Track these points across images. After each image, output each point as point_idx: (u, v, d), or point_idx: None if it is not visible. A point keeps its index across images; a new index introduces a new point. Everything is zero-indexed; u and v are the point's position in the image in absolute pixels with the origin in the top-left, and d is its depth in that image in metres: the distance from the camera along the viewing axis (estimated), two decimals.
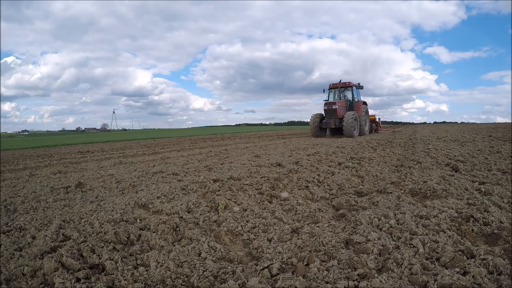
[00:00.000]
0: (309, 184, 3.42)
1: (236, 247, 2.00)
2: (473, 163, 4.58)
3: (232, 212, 2.49)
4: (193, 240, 1.99)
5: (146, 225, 2.23)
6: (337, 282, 1.40)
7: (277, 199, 2.93)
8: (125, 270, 1.59)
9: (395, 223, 2.07)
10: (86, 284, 1.47)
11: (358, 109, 14.69)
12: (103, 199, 3.26)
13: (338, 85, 15.38)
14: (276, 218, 2.36)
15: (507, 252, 1.66)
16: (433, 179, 3.39)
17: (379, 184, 3.56)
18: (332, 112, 13.70)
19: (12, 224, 2.38)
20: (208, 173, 4.42)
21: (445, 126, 31.20)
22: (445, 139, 9.83)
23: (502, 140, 8.75)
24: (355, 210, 2.52)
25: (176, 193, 3.12)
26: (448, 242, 1.76)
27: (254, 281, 1.44)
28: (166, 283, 1.50)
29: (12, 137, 58.57)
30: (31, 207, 3.03)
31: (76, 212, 2.67)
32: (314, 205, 2.72)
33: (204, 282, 1.48)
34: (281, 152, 7.07)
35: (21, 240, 2.04)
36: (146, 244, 1.91)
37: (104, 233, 2.04)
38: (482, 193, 2.84)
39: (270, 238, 2.02)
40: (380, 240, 1.80)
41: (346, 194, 3.14)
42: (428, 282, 1.37)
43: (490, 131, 13.78)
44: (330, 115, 13.89)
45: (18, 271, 1.57)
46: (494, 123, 53.73)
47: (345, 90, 15.62)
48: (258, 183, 3.43)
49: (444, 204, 2.51)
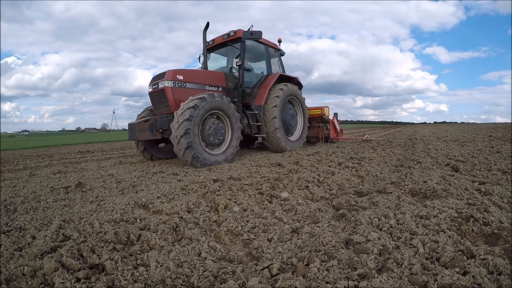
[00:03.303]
0: (309, 184, 3.42)
1: (236, 247, 2.00)
2: (473, 163, 4.58)
3: (232, 212, 2.49)
4: (193, 240, 1.99)
5: (146, 225, 2.24)
6: (337, 282, 1.40)
7: (277, 199, 2.93)
8: (125, 270, 1.59)
9: (395, 223, 2.07)
10: (86, 284, 1.47)
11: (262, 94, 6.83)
12: (103, 199, 3.26)
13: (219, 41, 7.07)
14: (276, 218, 2.36)
15: (507, 252, 1.66)
16: (433, 179, 3.39)
17: (379, 184, 3.56)
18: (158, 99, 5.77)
19: (12, 224, 2.38)
20: (208, 173, 4.42)
21: (445, 126, 31.22)
22: (445, 139, 9.82)
23: (502, 140, 8.75)
24: (355, 210, 2.52)
25: (176, 193, 3.12)
26: (448, 242, 1.76)
27: (254, 281, 1.44)
28: (166, 283, 1.50)
29: (12, 137, 58.59)
30: (31, 207, 3.03)
31: (76, 212, 2.67)
32: (314, 205, 2.72)
33: (204, 282, 1.48)
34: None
35: (21, 240, 2.04)
36: (146, 244, 1.91)
37: (104, 233, 2.04)
38: (482, 193, 2.84)
39: (270, 238, 2.02)
40: (380, 240, 1.80)
41: (346, 194, 3.14)
42: (428, 282, 1.37)
43: (490, 131, 13.78)
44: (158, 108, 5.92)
45: (18, 271, 1.57)
46: (494, 123, 53.74)
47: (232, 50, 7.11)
48: (258, 183, 3.43)
49: (444, 204, 2.51)
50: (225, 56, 7.77)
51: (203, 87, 6.14)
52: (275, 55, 7.96)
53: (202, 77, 6.22)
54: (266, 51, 7.62)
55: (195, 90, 5.88)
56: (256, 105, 6.97)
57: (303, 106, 8.19)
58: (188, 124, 4.88)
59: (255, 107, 6.96)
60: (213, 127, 5.45)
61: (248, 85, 7.05)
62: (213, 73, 6.66)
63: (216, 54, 7.67)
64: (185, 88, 5.78)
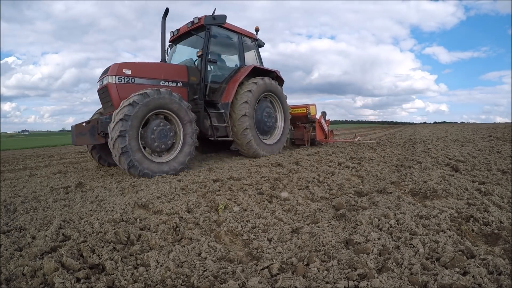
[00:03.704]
0: (309, 184, 3.42)
1: (236, 247, 2.00)
2: (473, 163, 4.58)
3: (232, 212, 2.49)
4: (193, 240, 1.99)
5: (146, 225, 2.24)
6: (337, 282, 1.40)
7: (277, 199, 2.93)
8: (125, 270, 1.59)
9: (395, 223, 2.07)
10: (86, 284, 1.47)
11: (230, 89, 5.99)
12: (103, 199, 3.26)
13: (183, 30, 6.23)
14: (276, 218, 2.36)
15: (507, 252, 1.66)
16: (433, 179, 3.39)
17: (379, 184, 3.56)
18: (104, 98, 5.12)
19: (12, 224, 2.38)
20: (208, 173, 4.42)
21: (445, 126, 31.22)
22: (445, 139, 9.83)
23: (502, 140, 8.75)
24: (355, 210, 2.52)
25: (176, 193, 3.12)
26: (448, 242, 1.76)
27: (254, 281, 1.44)
28: (166, 283, 1.50)
29: (12, 137, 58.57)
30: (31, 207, 3.03)
31: (76, 212, 2.67)
32: (314, 205, 2.72)
33: (204, 282, 1.48)
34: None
35: (21, 240, 2.04)
36: (146, 244, 1.91)
37: (104, 233, 2.04)
38: (482, 193, 2.84)
39: (270, 238, 2.02)
40: (380, 240, 1.80)
41: (346, 194, 3.14)
42: (428, 282, 1.37)
43: (490, 131, 13.78)
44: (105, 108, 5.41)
45: (18, 271, 1.57)
46: (494, 123, 53.78)
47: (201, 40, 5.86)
48: (258, 183, 3.43)
49: (444, 204, 2.51)
50: (194, 48, 6.41)
51: (157, 82, 5.21)
52: (252, 46, 6.92)
53: (156, 70, 5.30)
54: (239, 40, 6.54)
55: (146, 86, 4.85)
56: (223, 103, 5.97)
57: (284, 104, 7.13)
58: (123, 125, 4.09)
59: (222, 105, 5.97)
60: (157, 129, 4.58)
61: (215, 79, 6.10)
62: (172, 66, 5.83)
63: (183, 45, 6.60)
64: (134, 84, 4.90)
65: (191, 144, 4.91)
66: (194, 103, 5.65)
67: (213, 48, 6.04)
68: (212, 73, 6.07)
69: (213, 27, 5.87)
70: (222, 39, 6.38)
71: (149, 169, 4.36)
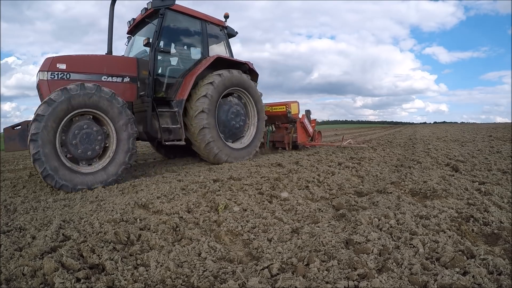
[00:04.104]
0: (309, 184, 3.42)
1: (236, 247, 2.00)
2: (473, 163, 4.58)
3: (232, 212, 2.49)
4: (193, 240, 1.99)
5: (146, 225, 2.24)
6: (337, 282, 1.40)
7: (277, 199, 2.93)
8: (125, 270, 1.59)
9: (395, 223, 2.07)
10: (86, 284, 1.47)
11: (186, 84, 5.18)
12: (103, 199, 3.27)
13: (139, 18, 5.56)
14: (276, 218, 2.36)
15: (507, 252, 1.66)
16: (433, 179, 3.39)
17: (379, 184, 3.56)
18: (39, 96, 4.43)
19: (12, 224, 2.38)
20: (208, 173, 4.42)
21: (445, 126, 31.23)
22: (445, 139, 9.83)
23: (502, 140, 8.75)
24: (355, 210, 2.52)
25: (176, 193, 3.12)
26: (448, 242, 1.76)
27: (254, 281, 1.44)
28: (166, 283, 1.50)
29: None
30: (31, 207, 3.03)
31: (76, 212, 2.67)
32: (314, 205, 2.72)
33: (204, 282, 1.48)
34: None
35: (21, 240, 2.04)
36: (146, 244, 1.91)
37: (104, 233, 2.04)
38: (482, 193, 2.84)
39: (270, 238, 2.02)
40: (380, 240, 1.80)
41: (346, 194, 3.14)
42: (428, 282, 1.37)
43: (490, 131, 13.79)
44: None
45: (18, 271, 1.57)
46: (494, 123, 53.83)
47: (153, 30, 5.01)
48: (258, 183, 3.43)
49: (444, 204, 2.51)
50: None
51: (98, 77, 4.50)
52: (220, 35, 6.05)
53: (97, 64, 4.58)
54: (203, 28, 5.63)
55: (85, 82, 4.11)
56: (177, 100, 5.11)
57: (258, 102, 6.17)
58: (35, 127, 3.49)
59: (176, 102, 5.12)
60: (80, 133, 3.87)
61: (171, 74, 5.30)
62: (116, 58, 5.10)
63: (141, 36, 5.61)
64: (69, 81, 4.22)
65: (127, 151, 4.13)
66: (141, 101, 4.90)
67: (167, 36, 5.26)
68: (164, 66, 5.28)
69: (168, 12, 5.10)
70: (181, 26, 5.54)
71: (68, 180, 3.67)
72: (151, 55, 4.92)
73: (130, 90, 4.85)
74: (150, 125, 4.85)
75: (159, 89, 5.09)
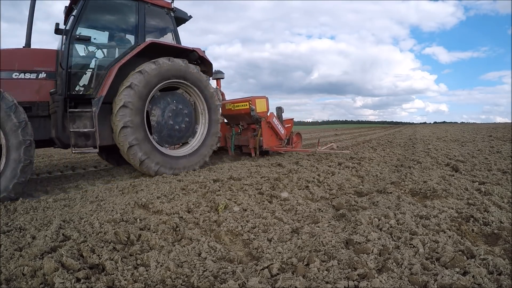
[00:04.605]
0: (309, 184, 3.42)
1: (236, 247, 2.00)
2: (473, 163, 4.59)
3: (232, 212, 2.49)
4: (193, 240, 1.99)
5: (146, 225, 2.24)
6: (337, 282, 1.40)
7: (277, 199, 2.93)
8: (125, 270, 1.59)
9: (395, 223, 2.07)
10: (86, 284, 1.47)
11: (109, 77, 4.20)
12: (103, 199, 3.26)
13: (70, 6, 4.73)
14: (276, 218, 2.36)
15: (507, 252, 1.66)
16: (433, 179, 3.39)
17: (379, 184, 3.56)
18: None
19: (12, 224, 2.38)
20: (208, 173, 4.42)
21: (445, 126, 31.23)
22: (445, 139, 9.84)
23: (502, 140, 8.75)
24: (355, 210, 2.52)
25: (176, 193, 3.12)
26: (448, 242, 1.76)
27: (254, 281, 1.44)
28: (166, 283, 1.50)
29: None
30: (31, 207, 3.03)
31: (76, 212, 2.67)
32: (314, 205, 2.72)
33: (204, 282, 1.48)
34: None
35: (21, 240, 2.04)
36: (146, 244, 1.91)
37: (104, 233, 2.04)
38: (482, 193, 2.84)
39: (270, 238, 2.02)
40: (380, 240, 1.80)
41: (346, 194, 3.14)
42: (428, 282, 1.37)
43: (490, 131, 13.79)
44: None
45: (18, 271, 1.57)
46: (494, 123, 53.84)
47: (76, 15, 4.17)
48: (258, 183, 3.43)
49: (444, 204, 2.51)
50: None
51: (7, 74, 3.88)
52: (166, 19, 5.00)
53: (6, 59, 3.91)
54: (139, 11, 4.63)
55: None
56: (97, 98, 4.20)
57: (210, 99, 5.06)
58: None
59: (95, 101, 4.18)
60: None
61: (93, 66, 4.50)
62: (32, 51, 4.23)
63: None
64: None
65: (20, 161, 3.33)
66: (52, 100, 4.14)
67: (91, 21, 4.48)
68: (84, 57, 4.47)
69: None
70: (110, 9, 4.65)
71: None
72: (65, 45, 4.11)
73: (46, 87, 4.12)
74: (62, 129, 4.09)
75: (75, 85, 4.27)
